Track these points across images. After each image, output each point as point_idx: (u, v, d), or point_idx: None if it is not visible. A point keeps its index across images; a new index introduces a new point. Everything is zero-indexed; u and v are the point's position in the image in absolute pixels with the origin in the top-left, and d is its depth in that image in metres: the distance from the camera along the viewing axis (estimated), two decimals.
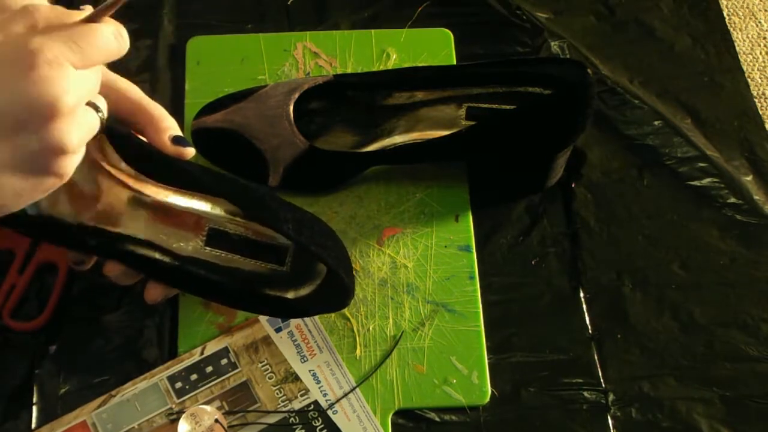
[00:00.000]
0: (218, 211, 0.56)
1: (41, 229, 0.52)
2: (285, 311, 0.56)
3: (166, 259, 0.54)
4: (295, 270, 0.56)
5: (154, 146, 0.52)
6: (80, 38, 0.41)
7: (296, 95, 0.61)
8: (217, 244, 0.56)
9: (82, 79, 0.41)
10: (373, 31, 0.72)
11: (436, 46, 0.71)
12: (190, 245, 0.55)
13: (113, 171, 0.54)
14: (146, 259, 0.53)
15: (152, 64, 0.70)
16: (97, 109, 0.44)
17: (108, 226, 0.53)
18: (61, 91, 0.39)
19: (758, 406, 0.59)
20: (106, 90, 0.48)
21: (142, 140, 0.53)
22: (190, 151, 0.53)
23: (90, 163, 0.53)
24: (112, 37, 0.42)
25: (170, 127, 0.53)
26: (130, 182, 0.54)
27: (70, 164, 0.43)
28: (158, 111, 0.53)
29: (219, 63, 0.69)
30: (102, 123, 0.45)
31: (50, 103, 0.39)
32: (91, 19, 0.42)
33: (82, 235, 0.52)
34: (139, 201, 0.55)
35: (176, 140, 0.52)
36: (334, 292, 0.56)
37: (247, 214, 0.55)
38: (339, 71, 0.70)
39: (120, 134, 0.51)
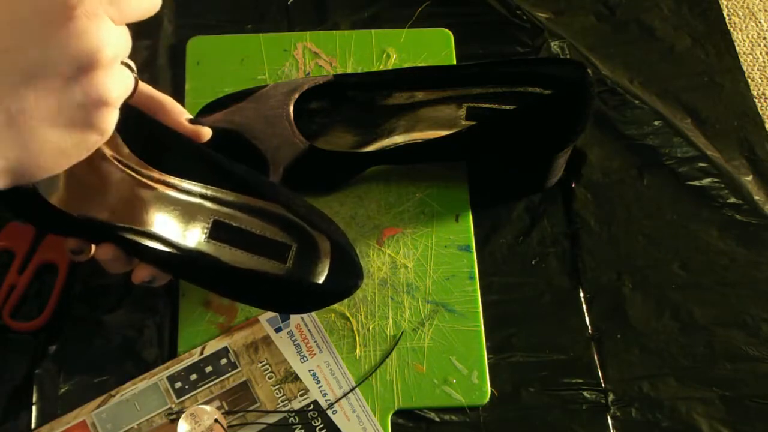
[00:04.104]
0: (226, 200, 0.56)
1: (42, 218, 0.52)
2: (286, 306, 0.56)
3: (167, 248, 0.54)
4: (296, 269, 0.56)
5: (165, 133, 0.53)
6: None
7: (296, 95, 0.61)
8: (221, 237, 0.56)
9: (118, 34, 0.41)
10: (373, 31, 0.72)
11: (436, 46, 0.71)
12: (193, 236, 0.55)
13: (117, 159, 0.54)
14: (145, 248, 0.53)
15: (152, 64, 0.70)
16: (131, 69, 0.45)
17: (110, 216, 0.53)
18: (100, 43, 0.40)
19: (758, 406, 0.59)
20: None
21: (153, 125, 0.53)
22: (207, 131, 0.54)
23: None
24: None
25: (183, 111, 0.54)
26: (134, 170, 0.54)
27: (111, 119, 0.43)
28: (167, 98, 0.54)
29: (219, 63, 0.69)
30: (136, 82, 0.45)
31: (91, 55, 0.40)
32: None
33: (81, 223, 0.52)
34: (142, 190, 0.54)
35: (193, 121, 0.54)
36: (340, 281, 0.55)
37: (256, 194, 0.55)
38: (339, 71, 0.70)
39: (130, 118, 0.51)
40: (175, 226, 0.55)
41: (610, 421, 0.59)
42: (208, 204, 0.56)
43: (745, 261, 0.65)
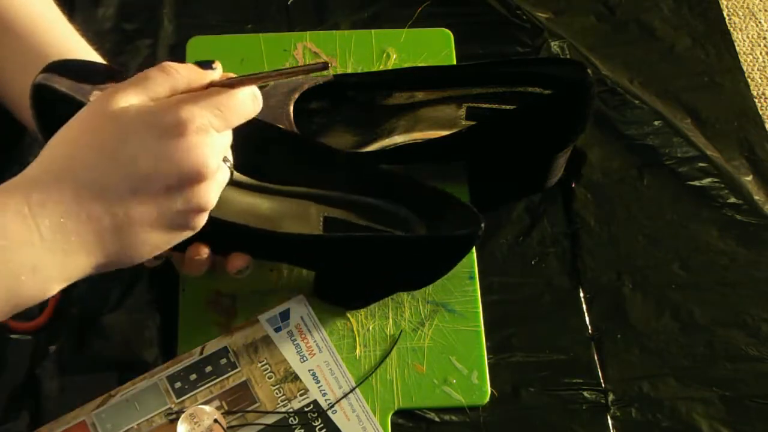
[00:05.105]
0: (330, 196, 0.58)
1: None
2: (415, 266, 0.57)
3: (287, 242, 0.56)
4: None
5: (263, 146, 0.55)
6: (224, 105, 0.43)
7: (296, 95, 0.61)
8: (334, 231, 0.58)
9: (222, 141, 0.44)
10: (373, 31, 0.72)
11: (436, 46, 0.71)
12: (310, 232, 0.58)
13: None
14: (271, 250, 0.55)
15: (152, 64, 0.69)
16: (226, 160, 0.46)
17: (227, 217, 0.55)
18: (207, 157, 0.42)
19: (758, 406, 0.59)
20: None
21: (251, 141, 0.54)
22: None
23: None
24: (250, 101, 0.45)
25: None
26: (243, 186, 0.58)
27: (205, 218, 0.46)
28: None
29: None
30: (231, 173, 0.47)
31: (198, 169, 0.42)
32: (229, 84, 0.44)
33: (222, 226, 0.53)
34: (253, 200, 0.57)
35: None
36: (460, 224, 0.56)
37: (354, 189, 0.58)
38: (339, 71, 0.70)
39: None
40: (291, 227, 0.57)
41: (610, 421, 0.59)
42: (315, 203, 0.58)
43: (745, 261, 0.65)
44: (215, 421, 0.54)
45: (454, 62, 0.71)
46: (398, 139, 0.64)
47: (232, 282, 0.58)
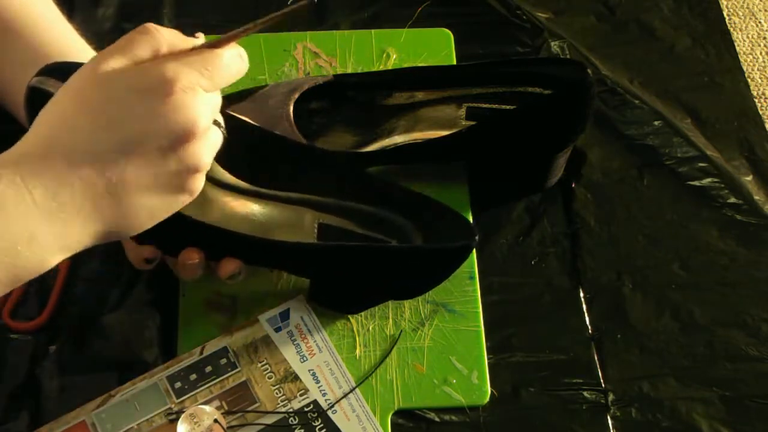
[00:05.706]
0: (326, 203, 0.58)
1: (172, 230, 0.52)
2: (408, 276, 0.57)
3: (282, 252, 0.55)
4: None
5: (261, 151, 0.56)
6: (209, 64, 0.43)
7: (296, 95, 0.61)
8: (328, 239, 0.58)
9: (211, 101, 0.44)
10: (373, 31, 0.72)
11: (436, 46, 0.71)
12: (304, 239, 0.57)
13: (220, 184, 0.57)
14: (260, 251, 0.55)
15: None
16: (218, 125, 0.46)
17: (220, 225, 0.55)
18: (197, 115, 0.42)
19: (758, 406, 0.59)
20: None
21: (249, 146, 0.55)
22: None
23: None
24: (236, 61, 0.45)
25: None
26: (238, 191, 0.58)
27: (201, 181, 0.45)
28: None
29: None
30: (224, 137, 0.47)
31: (188, 127, 0.42)
32: (214, 45, 0.44)
33: (192, 230, 0.53)
34: (248, 204, 0.57)
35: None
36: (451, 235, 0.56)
37: (350, 197, 0.58)
38: (339, 71, 0.70)
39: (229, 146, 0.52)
40: (285, 233, 0.57)
41: (610, 421, 0.59)
42: (311, 209, 0.58)
43: (745, 261, 0.65)
44: (215, 421, 0.54)
45: (454, 62, 0.71)
46: (398, 139, 0.64)
47: None
